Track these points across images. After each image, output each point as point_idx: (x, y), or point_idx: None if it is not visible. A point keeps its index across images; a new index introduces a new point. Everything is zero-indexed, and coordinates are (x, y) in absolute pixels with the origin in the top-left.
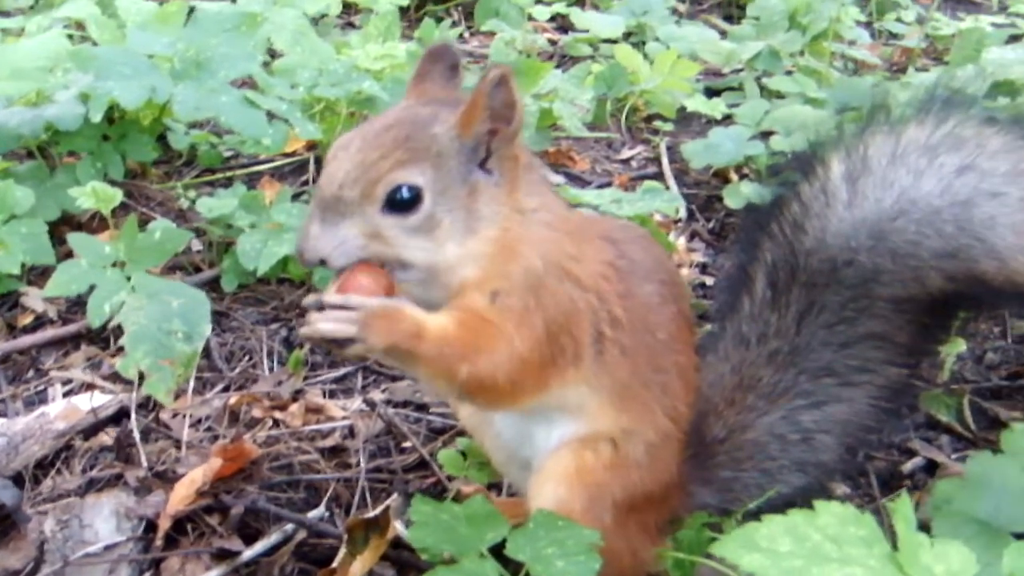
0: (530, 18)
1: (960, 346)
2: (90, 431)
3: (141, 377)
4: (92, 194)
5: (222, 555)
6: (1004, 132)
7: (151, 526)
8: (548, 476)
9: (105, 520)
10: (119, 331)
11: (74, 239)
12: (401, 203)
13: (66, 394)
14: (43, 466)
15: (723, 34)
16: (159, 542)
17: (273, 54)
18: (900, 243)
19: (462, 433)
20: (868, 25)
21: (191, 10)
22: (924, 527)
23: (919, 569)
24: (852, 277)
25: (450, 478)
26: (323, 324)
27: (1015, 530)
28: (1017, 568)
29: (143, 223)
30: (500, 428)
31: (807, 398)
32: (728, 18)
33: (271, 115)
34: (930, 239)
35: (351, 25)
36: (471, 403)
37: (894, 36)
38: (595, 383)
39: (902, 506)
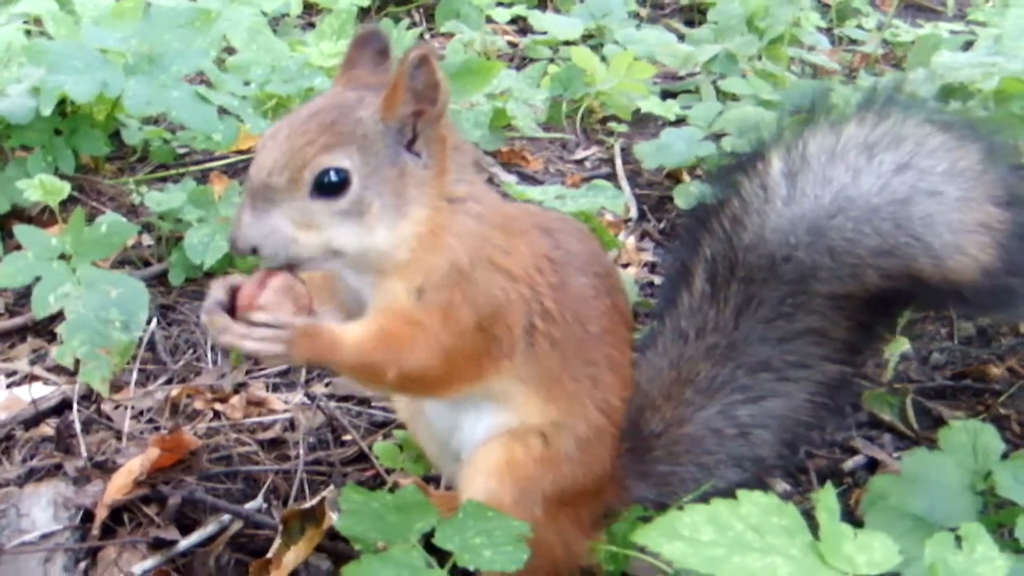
0: (489, 20)
1: (904, 345)
2: (31, 422)
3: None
4: (40, 187)
5: (158, 545)
6: (943, 131)
7: (89, 516)
8: (478, 468)
9: (43, 509)
10: (64, 322)
11: (21, 231)
12: (329, 187)
13: (10, 385)
14: None
15: (682, 37)
16: (96, 531)
17: (232, 51)
18: (838, 240)
19: (401, 427)
20: (828, 31)
21: (148, 6)
22: (861, 523)
23: (841, 559)
24: (790, 273)
25: (388, 471)
26: (249, 343)
27: (949, 525)
28: (939, 558)
29: (94, 217)
30: (431, 418)
31: (744, 393)
32: (690, 22)
33: (223, 111)
34: (868, 237)
35: (311, 25)
36: (404, 396)
37: (854, 42)
38: (523, 374)
39: (826, 496)
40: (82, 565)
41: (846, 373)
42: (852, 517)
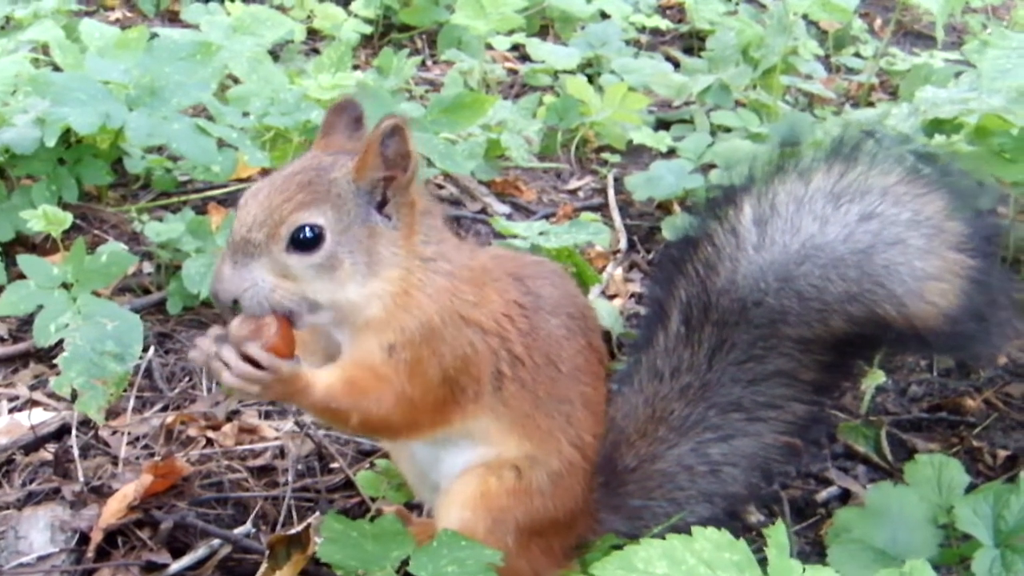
0: (489, 47)
1: (879, 378)
2: (31, 446)
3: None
4: (43, 217)
5: (150, 568)
6: (908, 180)
7: (84, 539)
8: (454, 499)
9: (40, 532)
10: (64, 351)
11: (24, 261)
12: (304, 242)
13: (11, 410)
14: None
15: (678, 66)
16: (91, 554)
17: (236, 80)
18: (806, 286)
19: (386, 456)
20: (826, 59)
21: (152, 36)
22: None
23: None
24: (761, 317)
25: (372, 498)
26: (231, 379)
27: (910, 558)
28: None
29: (97, 245)
30: (414, 450)
31: (716, 432)
32: (688, 50)
33: (222, 143)
34: (834, 283)
35: (316, 51)
36: (378, 438)
37: (851, 70)
38: (495, 413)
39: (776, 532)
40: None
41: (815, 412)
42: (822, 548)
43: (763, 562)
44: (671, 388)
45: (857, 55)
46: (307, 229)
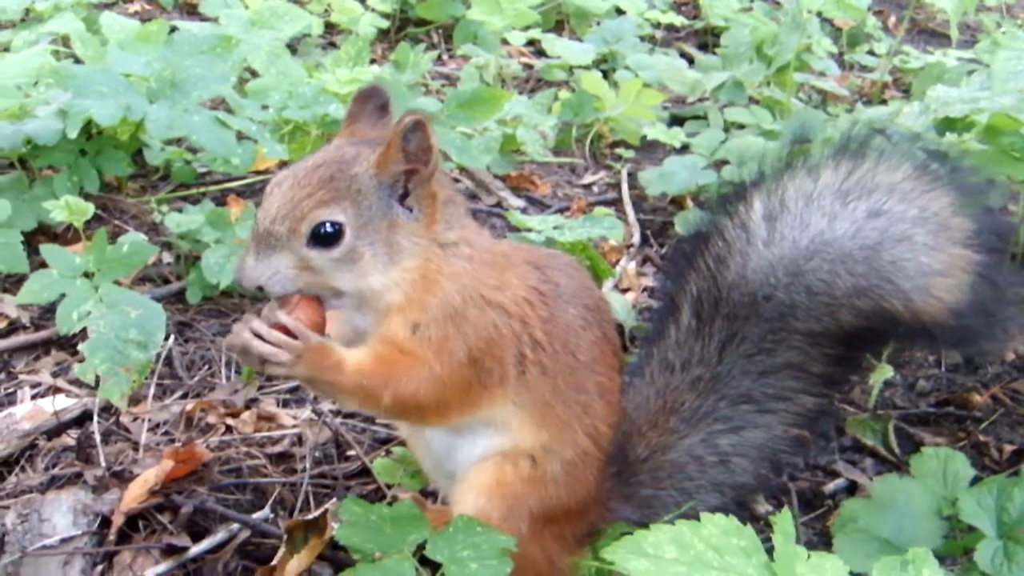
0: (505, 42)
1: (888, 373)
2: (53, 432)
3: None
4: (66, 207)
5: (170, 551)
6: (916, 176)
7: (106, 522)
8: (470, 486)
9: (63, 515)
10: (87, 338)
11: (47, 250)
12: (325, 238)
13: (34, 396)
14: (8, 464)
15: (692, 63)
16: (112, 537)
17: (255, 73)
18: (815, 281)
19: (403, 443)
20: (840, 56)
21: (172, 29)
22: None
23: None
24: (771, 311)
25: (388, 485)
26: (262, 345)
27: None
28: None
29: (117, 235)
30: (430, 438)
31: (726, 423)
32: (703, 47)
33: (241, 135)
34: (842, 278)
35: (333, 45)
36: (403, 422)
37: (864, 68)
38: (519, 401)
39: (782, 520)
40: (99, 569)
41: (824, 405)
42: (829, 539)
43: (770, 550)
44: (682, 380)
45: (871, 53)
46: (327, 225)
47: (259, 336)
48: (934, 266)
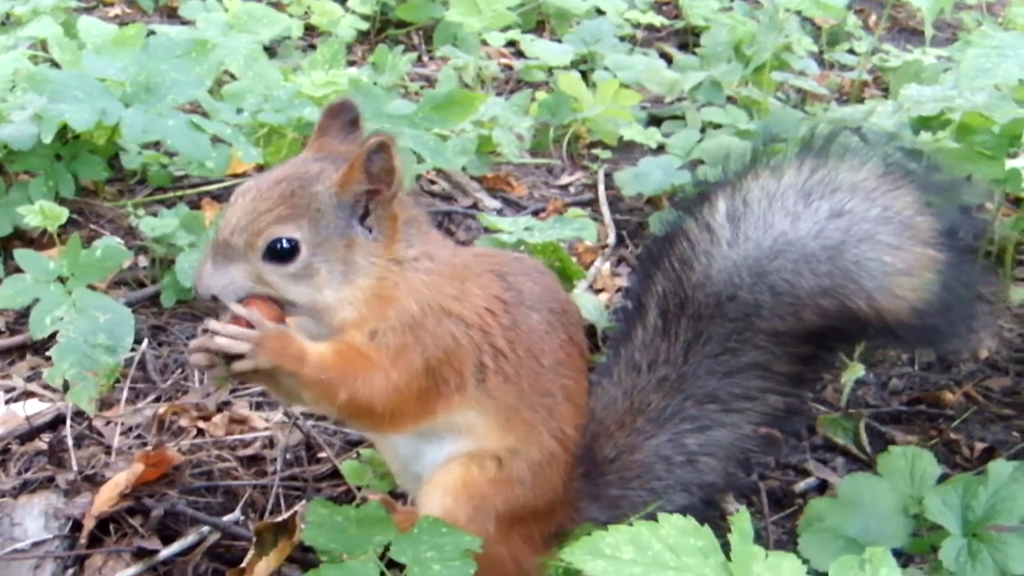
0: (484, 43)
1: (859, 371)
2: (26, 436)
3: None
4: (40, 212)
5: (141, 554)
6: (878, 176)
7: (77, 526)
8: (436, 486)
9: (34, 519)
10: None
11: (20, 255)
12: (280, 253)
13: (7, 401)
14: None
15: (672, 63)
16: (83, 540)
17: (233, 76)
18: (779, 281)
19: (372, 446)
20: (820, 55)
21: (150, 33)
22: None
23: None
24: (735, 311)
25: (358, 487)
26: (220, 339)
27: (880, 547)
28: None
29: (94, 239)
30: (396, 441)
31: (692, 423)
32: (683, 46)
33: (217, 139)
34: (806, 278)
35: (312, 47)
36: (356, 427)
37: (845, 67)
38: (481, 407)
39: (740, 520)
40: (70, 572)
41: (793, 404)
42: (797, 538)
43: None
44: (648, 380)
45: (851, 51)
46: (283, 241)
47: (217, 331)
48: (897, 265)
